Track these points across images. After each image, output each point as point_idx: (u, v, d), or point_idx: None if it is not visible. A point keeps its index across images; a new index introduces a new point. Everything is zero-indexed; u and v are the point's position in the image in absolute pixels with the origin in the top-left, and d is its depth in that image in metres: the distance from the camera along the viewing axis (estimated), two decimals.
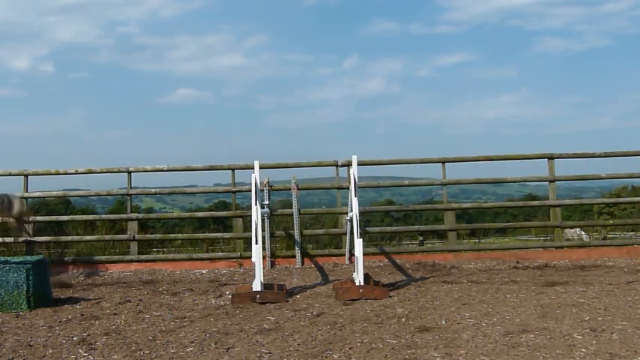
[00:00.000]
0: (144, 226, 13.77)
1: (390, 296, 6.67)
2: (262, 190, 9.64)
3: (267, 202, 9.64)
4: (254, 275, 6.95)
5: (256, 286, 6.82)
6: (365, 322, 5.41)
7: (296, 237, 9.66)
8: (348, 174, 9.54)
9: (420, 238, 13.66)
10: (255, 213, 7.20)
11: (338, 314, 5.83)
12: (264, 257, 9.32)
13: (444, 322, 5.30)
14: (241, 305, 6.43)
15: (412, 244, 12.67)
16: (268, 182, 9.78)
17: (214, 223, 12.04)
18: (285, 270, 9.33)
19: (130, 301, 6.89)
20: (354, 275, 7.20)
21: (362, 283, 6.76)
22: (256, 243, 6.95)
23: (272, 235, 9.79)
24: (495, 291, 6.79)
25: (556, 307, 5.77)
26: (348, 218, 8.73)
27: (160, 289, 7.83)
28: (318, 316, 5.79)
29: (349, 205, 8.67)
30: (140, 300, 6.99)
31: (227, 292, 7.30)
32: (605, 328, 4.89)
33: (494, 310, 5.74)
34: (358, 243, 6.97)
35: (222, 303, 6.68)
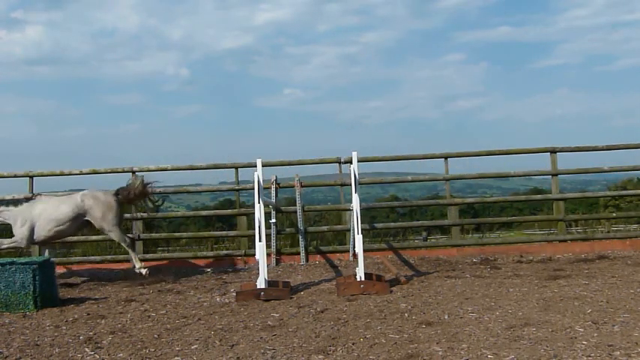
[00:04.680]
0: (149, 225, 13.84)
1: (392, 291, 6.71)
2: (269, 188, 9.70)
3: (273, 200, 9.70)
4: (259, 272, 7.01)
5: (260, 284, 6.87)
6: (368, 318, 5.44)
7: (300, 234, 9.71)
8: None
9: (425, 233, 13.67)
10: (258, 210, 7.24)
11: (341, 310, 5.86)
12: (269, 254, 9.39)
13: (446, 317, 5.33)
14: (246, 302, 6.47)
15: (417, 239, 12.70)
16: (276, 180, 9.83)
17: (219, 221, 12.10)
18: (289, 267, 9.37)
19: (135, 300, 6.95)
20: (357, 270, 7.23)
21: (363, 279, 6.80)
22: (259, 240, 6.99)
23: (278, 232, 9.83)
24: (498, 285, 6.81)
25: (558, 301, 5.79)
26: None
27: (166, 287, 7.88)
28: (322, 312, 5.83)
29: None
30: (146, 299, 7.04)
31: (232, 290, 7.34)
32: (607, 320, 4.91)
33: (497, 304, 5.77)
34: (358, 239, 7.01)
35: (226, 300, 6.72)
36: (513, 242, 10.14)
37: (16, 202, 8.91)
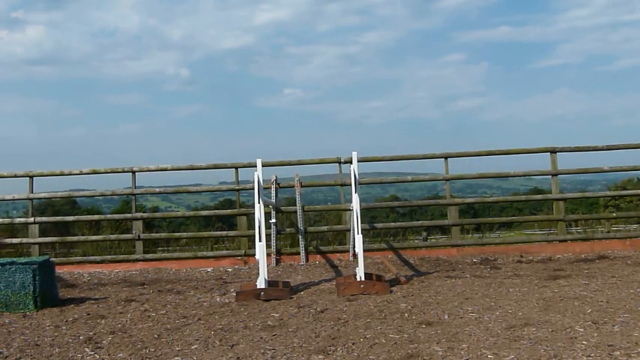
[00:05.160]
0: (149, 225, 13.86)
1: (392, 291, 6.71)
2: (269, 188, 9.71)
3: (273, 200, 9.70)
4: (259, 273, 7.01)
5: (260, 284, 6.87)
6: (368, 318, 5.44)
7: (300, 234, 9.71)
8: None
9: (424, 233, 13.67)
10: (258, 211, 7.24)
11: (342, 310, 5.86)
12: (269, 254, 9.41)
13: (446, 317, 5.32)
14: (246, 302, 6.47)
15: (417, 239, 12.70)
16: (276, 180, 9.84)
17: (219, 221, 12.09)
18: (289, 267, 9.37)
19: (135, 300, 6.95)
20: (357, 270, 7.23)
21: (363, 279, 6.80)
22: (259, 240, 6.99)
23: (278, 232, 9.84)
24: (498, 285, 6.81)
25: (558, 301, 5.79)
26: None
27: (166, 287, 7.88)
28: (322, 312, 5.82)
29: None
30: (146, 299, 7.04)
31: (232, 290, 7.34)
32: (607, 320, 4.91)
33: (497, 304, 5.77)
34: (358, 239, 7.01)
35: (227, 300, 6.72)
36: (513, 242, 10.14)
37: None
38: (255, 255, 7.43)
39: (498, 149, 10.29)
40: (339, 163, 9.92)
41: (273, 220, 9.61)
